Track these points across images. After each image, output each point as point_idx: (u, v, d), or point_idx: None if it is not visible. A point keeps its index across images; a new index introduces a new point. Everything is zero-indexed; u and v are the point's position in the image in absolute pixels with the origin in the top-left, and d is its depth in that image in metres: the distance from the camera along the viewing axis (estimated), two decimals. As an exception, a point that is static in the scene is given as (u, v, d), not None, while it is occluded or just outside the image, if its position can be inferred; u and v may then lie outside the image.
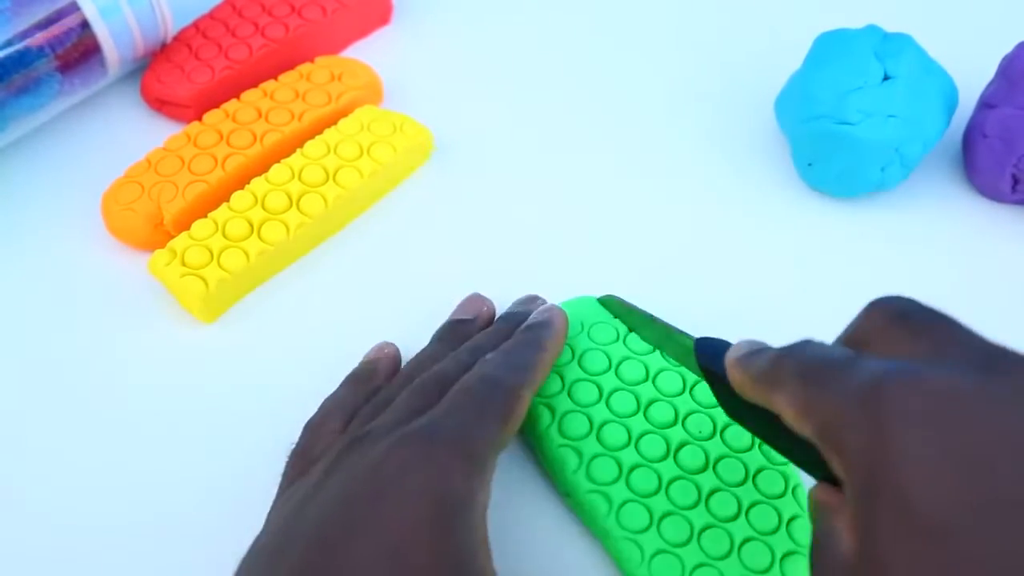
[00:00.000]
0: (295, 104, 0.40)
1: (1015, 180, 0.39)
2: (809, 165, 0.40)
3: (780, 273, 0.38)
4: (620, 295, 0.35)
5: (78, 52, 0.39)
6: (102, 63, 0.40)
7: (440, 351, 0.32)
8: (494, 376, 0.28)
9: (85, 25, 0.39)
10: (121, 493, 0.31)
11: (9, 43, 0.37)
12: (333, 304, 0.37)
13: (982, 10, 0.50)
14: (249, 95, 0.41)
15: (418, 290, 0.37)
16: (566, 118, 0.44)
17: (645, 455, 0.30)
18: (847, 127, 0.37)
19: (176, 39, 0.43)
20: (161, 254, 0.35)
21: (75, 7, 0.38)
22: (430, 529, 0.23)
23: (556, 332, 0.32)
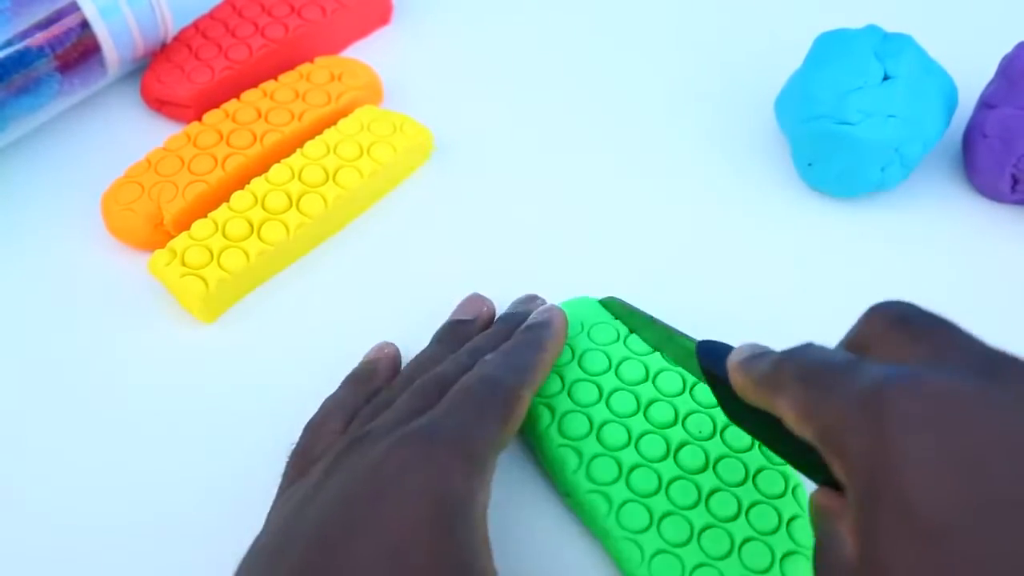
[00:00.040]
0: (295, 104, 0.40)
1: (1015, 180, 0.39)
2: (809, 165, 0.40)
3: (780, 273, 0.38)
4: (619, 294, 0.35)
5: (78, 52, 0.39)
6: (102, 63, 0.40)
7: (440, 353, 0.32)
8: (494, 376, 0.28)
9: (85, 25, 0.39)
10: (121, 493, 0.31)
11: (9, 43, 0.37)
12: (333, 304, 0.37)
13: (982, 10, 0.50)
14: (249, 95, 0.41)
15: (418, 290, 0.37)
16: (566, 118, 0.44)
17: (645, 455, 0.30)
18: (847, 127, 0.37)
19: (176, 39, 0.43)
20: (161, 254, 0.35)
21: (75, 7, 0.38)
22: (430, 529, 0.23)
23: (556, 332, 0.32)
